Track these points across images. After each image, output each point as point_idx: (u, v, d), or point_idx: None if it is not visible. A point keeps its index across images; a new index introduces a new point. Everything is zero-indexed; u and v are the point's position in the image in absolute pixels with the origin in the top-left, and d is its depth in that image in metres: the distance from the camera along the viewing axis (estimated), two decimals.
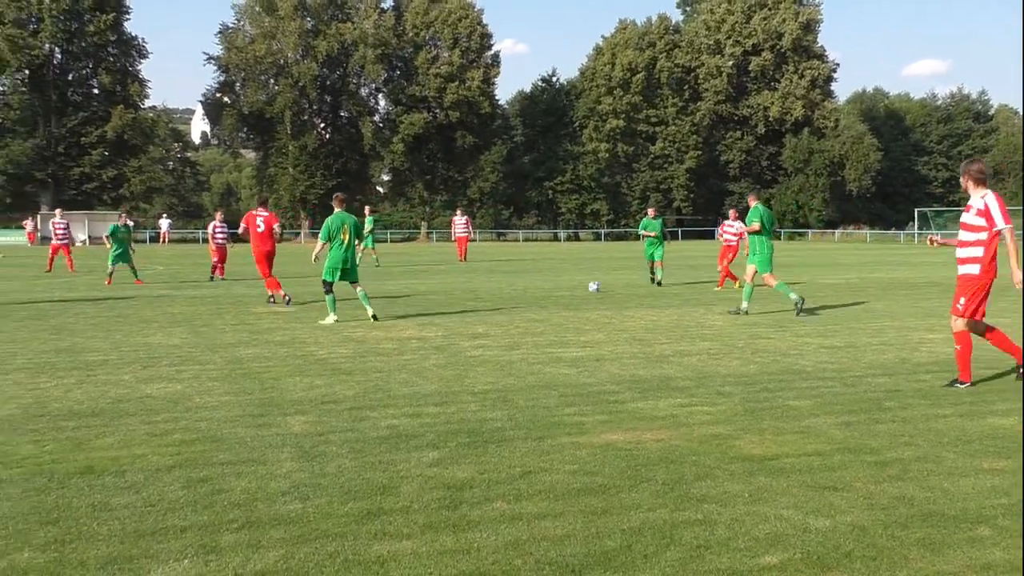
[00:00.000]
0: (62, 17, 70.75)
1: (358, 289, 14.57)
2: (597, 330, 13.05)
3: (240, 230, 18.11)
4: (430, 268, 31.81)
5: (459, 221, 36.40)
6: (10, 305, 16.96)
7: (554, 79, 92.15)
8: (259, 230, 17.36)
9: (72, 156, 73.35)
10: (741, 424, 6.99)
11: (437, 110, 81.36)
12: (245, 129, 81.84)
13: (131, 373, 9.34)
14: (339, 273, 14.21)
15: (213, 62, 79.85)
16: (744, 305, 15.21)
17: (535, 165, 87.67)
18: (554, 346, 11.41)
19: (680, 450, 6.18)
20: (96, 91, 76.48)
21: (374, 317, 14.24)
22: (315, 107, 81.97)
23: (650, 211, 23.35)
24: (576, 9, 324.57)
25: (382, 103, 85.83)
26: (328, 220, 14.30)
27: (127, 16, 76.21)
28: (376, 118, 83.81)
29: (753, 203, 15.84)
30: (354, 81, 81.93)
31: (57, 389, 8.41)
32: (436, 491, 5.23)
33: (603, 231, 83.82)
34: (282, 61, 77.98)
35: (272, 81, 79.43)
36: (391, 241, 78.18)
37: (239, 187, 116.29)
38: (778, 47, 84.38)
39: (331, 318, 14.12)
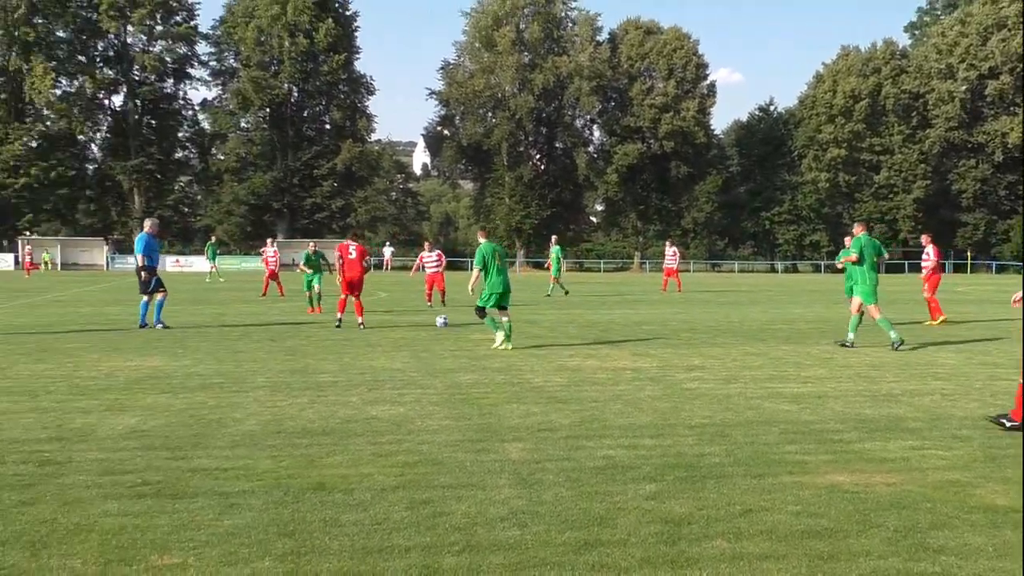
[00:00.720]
0: (299, 59, 75.57)
1: (505, 318, 14.85)
2: (819, 365, 12.58)
3: (335, 258, 19.38)
4: (643, 298, 31.65)
5: (667, 252, 36.50)
6: (249, 327, 18.11)
7: (771, 108, 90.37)
8: (351, 257, 18.26)
9: (305, 187, 78.03)
10: (981, 471, 6.54)
11: (651, 140, 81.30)
12: (464, 160, 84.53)
13: (358, 395, 9.75)
14: (495, 298, 14.61)
15: (435, 97, 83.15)
16: (850, 336, 14.84)
17: (751, 195, 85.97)
18: (773, 381, 11.08)
19: (913, 496, 5.84)
20: (328, 126, 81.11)
21: (505, 346, 14.50)
22: (531, 139, 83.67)
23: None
24: (794, 37, 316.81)
25: (596, 134, 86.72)
26: (481, 250, 14.78)
27: (357, 56, 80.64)
28: (590, 149, 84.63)
29: (859, 232, 15.19)
30: (569, 113, 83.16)
31: (292, 408, 8.89)
32: (654, 525, 5.16)
33: (823, 263, 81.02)
34: (499, 95, 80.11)
35: (490, 114, 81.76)
36: (603, 271, 78.44)
37: (457, 217, 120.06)
38: (1018, 69, 79.15)
39: (500, 336, 14.57)
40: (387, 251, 72.72)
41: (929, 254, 20.89)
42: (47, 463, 6.51)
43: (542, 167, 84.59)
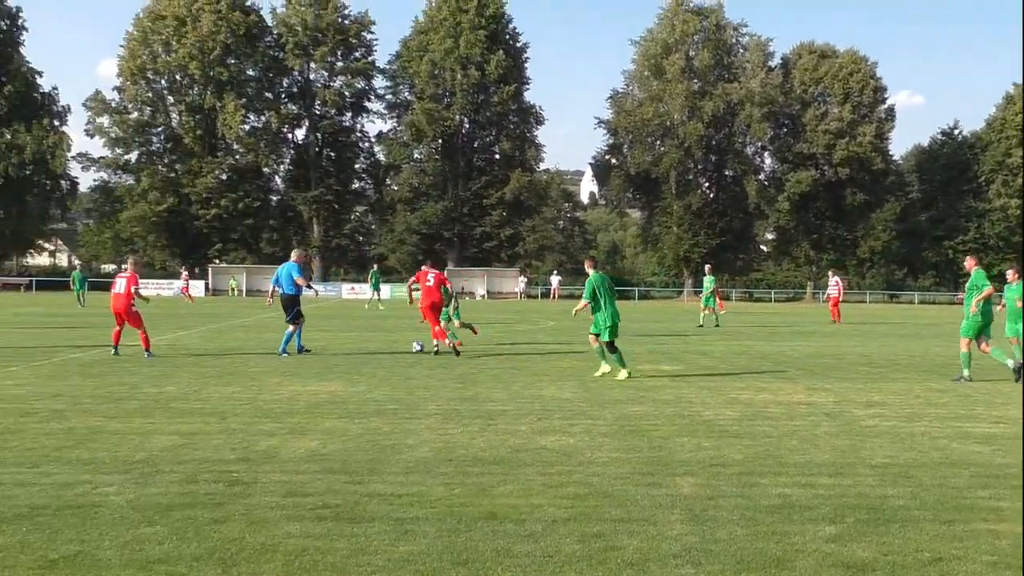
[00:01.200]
0: (471, 91, 77.33)
1: (596, 345, 14.89)
2: (1011, 404, 11.85)
3: (410, 283, 19.81)
4: (817, 330, 30.66)
5: (831, 282, 35.71)
6: (420, 354, 18.51)
7: (956, 131, 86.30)
8: (428, 284, 18.63)
9: (475, 216, 79.54)
10: None
11: (825, 167, 79.04)
12: (631, 189, 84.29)
13: (527, 424, 9.81)
14: (612, 330, 14.53)
15: (603, 126, 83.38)
16: (965, 373, 14.53)
17: (933, 223, 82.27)
18: (961, 420, 10.51)
19: None
20: (497, 156, 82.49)
21: (604, 375, 14.50)
22: (700, 166, 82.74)
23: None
24: (981, 57, 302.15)
25: (767, 161, 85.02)
26: (592, 280, 14.80)
27: (527, 87, 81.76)
28: (761, 176, 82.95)
29: (973, 266, 15.15)
30: (739, 140, 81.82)
31: (463, 436, 9.03)
32: (835, 569, 4.97)
33: None
34: (668, 123, 79.64)
35: (658, 142, 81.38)
36: (774, 301, 76.53)
37: (624, 245, 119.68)
38: None
39: (623, 373, 14.40)
40: (554, 280, 73.16)
41: None
42: (235, 483, 6.83)
43: (711, 195, 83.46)
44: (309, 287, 18.75)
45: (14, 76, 75.56)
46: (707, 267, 33.65)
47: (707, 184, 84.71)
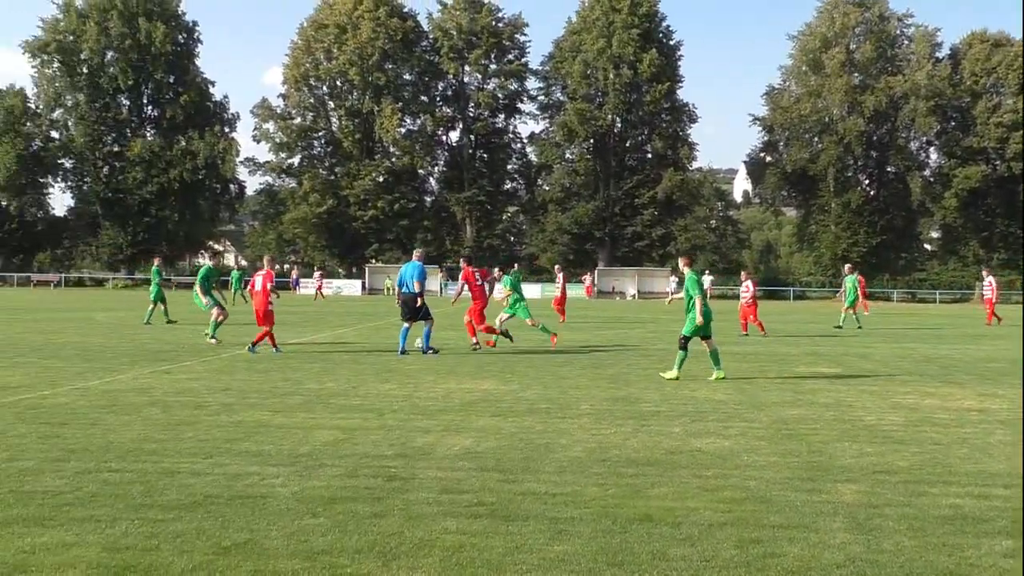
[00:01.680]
0: (623, 90, 77.04)
1: (710, 346, 14.42)
2: None
3: (459, 286, 20.61)
4: (987, 332, 29.15)
5: (985, 282, 33.91)
6: (572, 354, 18.54)
7: None
8: (478, 284, 19.78)
9: (626, 216, 79.20)
10: None
11: (997, 162, 75.12)
12: (787, 187, 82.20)
13: (681, 426, 9.69)
14: (697, 328, 14.17)
15: (758, 123, 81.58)
16: None
17: None
18: None
19: None
20: (649, 155, 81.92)
21: (718, 379, 14.02)
22: (859, 163, 79.99)
23: None
24: None
25: (933, 156, 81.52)
26: (691, 278, 14.55)
27: (680, 85, 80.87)
28: (926, 172, 79.58)
29: None
30: (903, 135, 78.66)
31: (616, 436, 8.99)
32: None
33: None
34: (827, 118, 77.32)
35: (816, 139, 79.08)
36: (939, 302, 73.22)
37: (779, 244, 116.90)
38: None
39: (672, 372, 14.11)
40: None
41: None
42: (394, 478, 6.99)
43: (871, 192, 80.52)
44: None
45: (190, 86, 79.93)
46: (847, 267, 32.51)
47: (867, 181, 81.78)
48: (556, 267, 34.47)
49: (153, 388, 12.08)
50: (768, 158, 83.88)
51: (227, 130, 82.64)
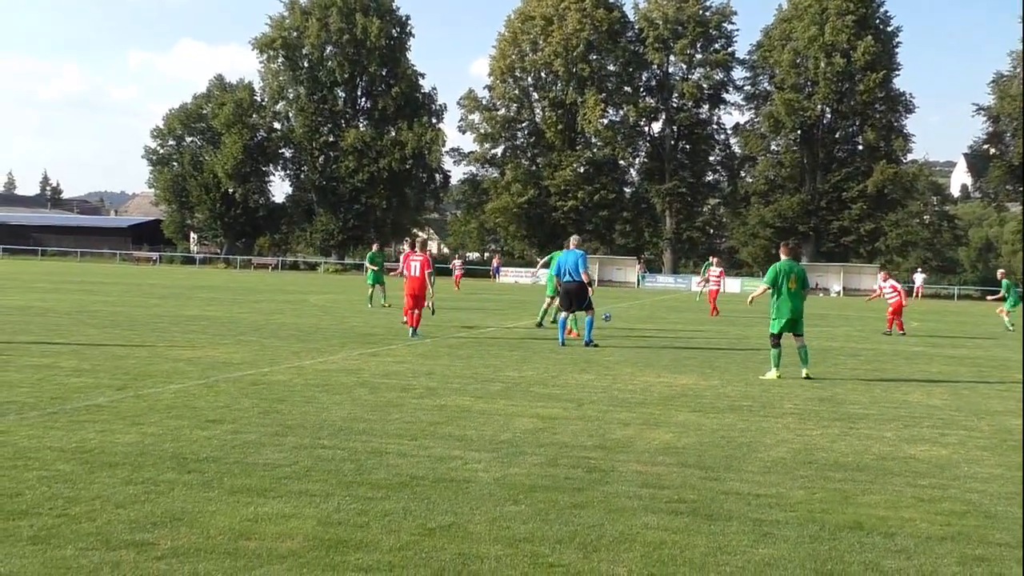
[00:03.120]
0: (835, 79, 74.06)
1: (799, 343, 13.63)
2: None
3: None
4: None
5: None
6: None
7: None
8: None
9: (832, 210, 76.22)
10: None
11: None
12: (1013, 181, 76.88)
13: (892, 431, 9.23)
14: (781, 324, 13.42)
15: (982, 112, 76.64)
16: None
17: None
18: None
19: None
20: (860, 147, 78.49)
21: (807, 377, 13.28)
22: None
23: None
24: None
25: None
26: (776, 267, 13.63)
27: (897, 73, 77.00)
28: None
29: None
30: None
31: (822, 438, 8.66)
32: None
33: None
34: None
35: None
36: None
37: (1000, 242, 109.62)
38: None
39: (772, 373, 13.36)
40: (918, 278, 68.48)
41: None
42: (593, 470, 6.99)
43: None
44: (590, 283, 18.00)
45: (401, 78, 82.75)
46: (999, 272, 30.25)
47: None
48: (714, 259, 33.55)
49: (362, 370, 12.57)
50: (992, 150, 78.60)
51: (434, 121, 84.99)
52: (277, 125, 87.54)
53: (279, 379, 11.36)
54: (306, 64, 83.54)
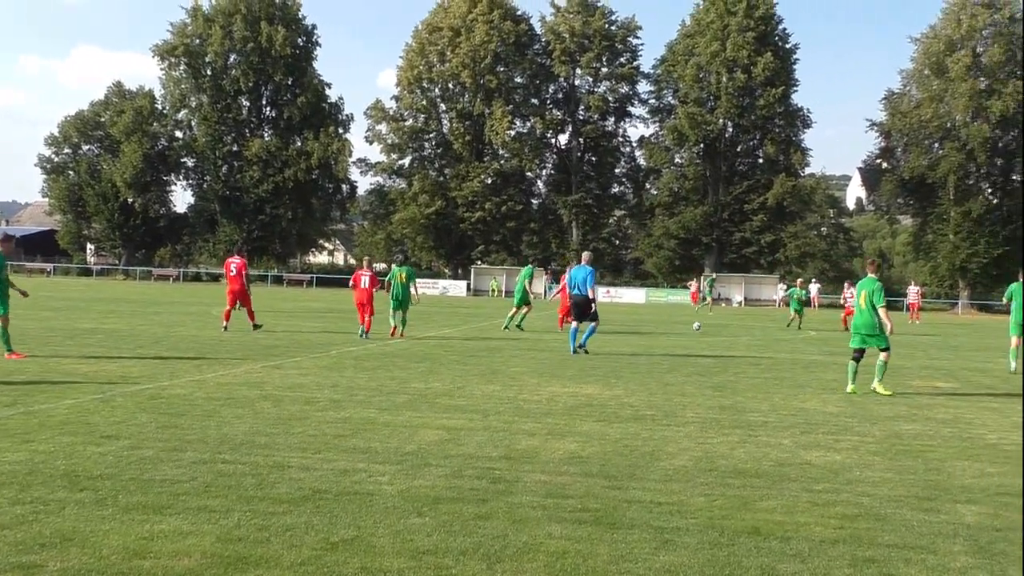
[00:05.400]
0: (736, 94, 75.90)
1: (880, 357, 13.99)
2: None
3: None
4: None
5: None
6: (677, 359, 18.33)
7: None
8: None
9: (734, 222, 77.98)
10: None
11: None
12: (904, 195, 79.71)
13: (790, 438, 9.46)
14: (860, 339, 13.95)
15: (875, 128, 79.34)
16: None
17: None
18: None
19: None
20: (760, 160, 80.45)
21: (875, 391, 13.70)
22: (983, 171, 76.90)
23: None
24: None
25: None
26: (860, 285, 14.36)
27: (795, 89, 79.18)
28: None
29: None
30: None
31: (723, 446, 8.83)
32: None
33: None
34: (949, 124, 74.66)
35: (936, 145, 76.42)
36: None
37: (892, 253, 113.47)
38: None
39: (848, 387, 13.79)
40: (813, 288, 70.34)
41: None
42: (498, 480, 7.00)
43: (994, 201, 77.36)
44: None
45: (307, 88, 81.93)
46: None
47: (990, 189, 78.54)
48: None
49: (265, 383, 12.38)
50: (885, 164, 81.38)
51: (341, 131, 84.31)
52: (179, 134, 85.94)
53: (179, 393, 11.12)
54: (209, 72, 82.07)
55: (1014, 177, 77.03)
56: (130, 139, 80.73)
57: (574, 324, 19.26)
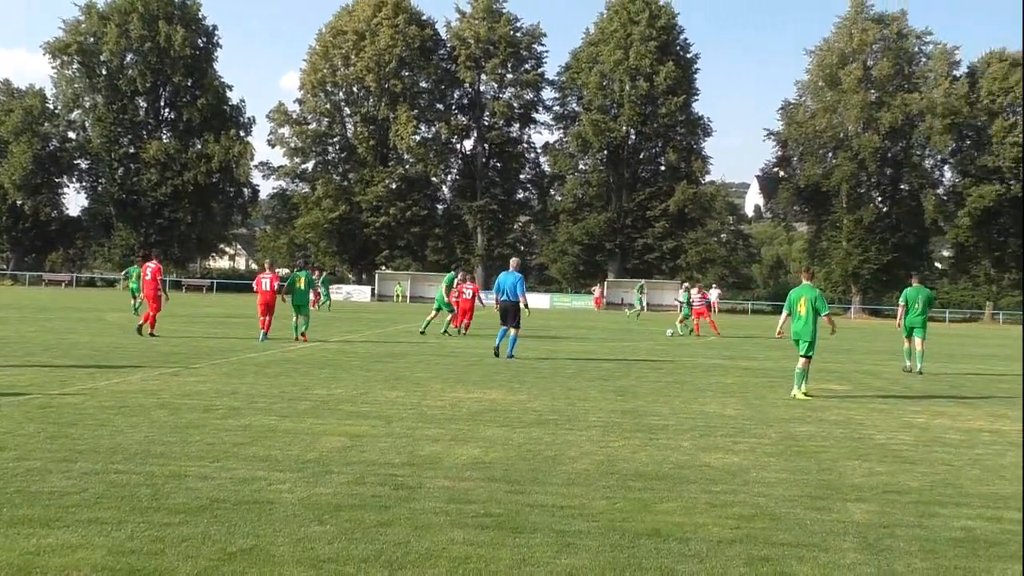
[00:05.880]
0: (639, 102, 77.05)
1: (799, 364, 14.37)
2: None
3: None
4: (998, 352, 29.03)
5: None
6: (581, 363, 18.50)
7: None
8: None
9: (637, 228, 79.15)
10: None
11: (1012, 181, 74.72)
12: (799, 202, 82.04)
13: (690, 440, 9.64)
14: (800, 346, 14.32)
15: (772, 137, 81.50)
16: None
17: None
18: None
19: None
20: (663, 168, 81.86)
21: (795, 397, 13.97)
22: (873, 180, 79.72)
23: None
24: None
25: (947, 175, 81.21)
26: (791, 292, 14.64)
27: (696, 98, 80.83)
28: (940, 191, 79.31)
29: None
30: (918, 152, 78.52)
31: (624, 449, 8.94)
32: None
33: None
34: (842, 134, 77.18)
35: (830, 155, 78.91)
36: (948, 321, 72.90)
37: (789, 260, 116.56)
38: None
39: (796, 391, 14.13)
40: (713, 293, 71.94)
41: None
42: (401, 487, 6.97)
43: (884, 209, 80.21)
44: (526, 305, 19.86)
45: (207, 90, 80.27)
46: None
47: (880, 198, 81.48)
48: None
49: (162, 390, 12.08)
50: (781, 173, 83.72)
51: (242, 134, 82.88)
52: (72, 135, 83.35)
53: (70, 402, 10.77)
54: (104, 72, 79.81)
55: (902, 186, 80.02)
56: (19, 139, 78.00)
57: (503, 327, 19.42)
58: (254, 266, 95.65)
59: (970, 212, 74.19)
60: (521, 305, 19.41)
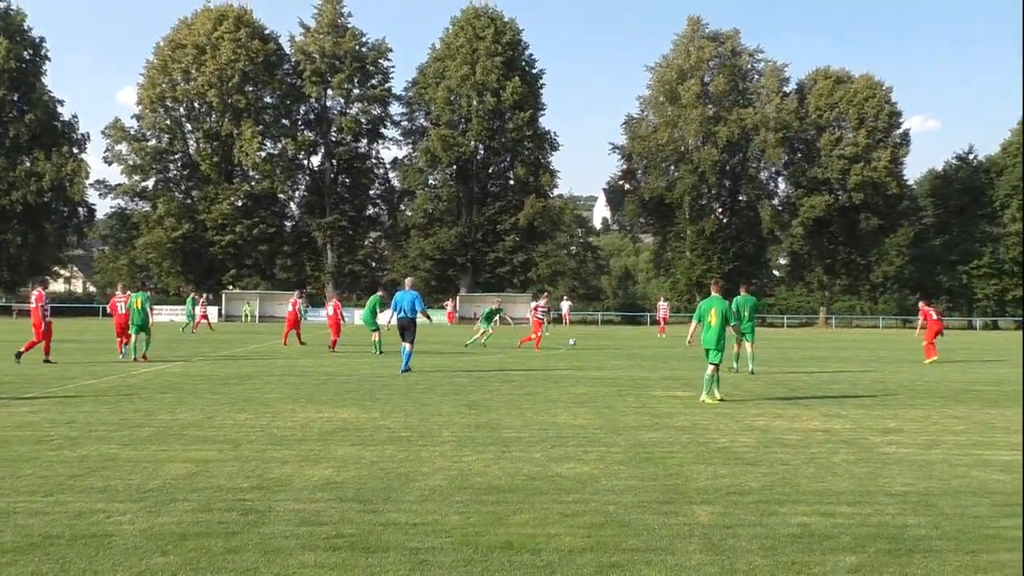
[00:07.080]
0: (486, 117, 77.63)
1: (708, 370, 15.15)
2: None
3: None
4: (831, 355, 30.52)
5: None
6: (433, 376, 18.48)
7: (971, 156, 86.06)
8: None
9: (488, 242, 79.64)
10: None
11: (840, 192, 78.97)
12: (645, 214, 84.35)
13: (542, 451, 9.75)
14: (711, 354, 15.11)
15: (617, 151, 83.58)
16: None
17: (947, 248, 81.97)
18: (979, 447, 10.41)
19: None
20: (512, 182, 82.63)
21: (720, 400, 14.99)
22: (714, 192, 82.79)
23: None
24: (996, 82, 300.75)
25: (782, 186, 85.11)
26: (701, 303, 15.55)
27: (542, 113, 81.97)
28: (775, 201, 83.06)
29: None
30: (754, 165, 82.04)
31: (477, 463, 8.98)
32: None
33: None
34: (683, 148, 79.83)
35: (672, 167, 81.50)
36: (787, 326, 76.23)
37: (636, 270, 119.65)
38: None
39: (704, 396, 14.99)
40: (565, 305, 73.24)
41: None
42: (249, 512, 6.80)
43: (724, 220, 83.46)
44: (429, 318, 21.84)
45: (36, 104, 76.27)
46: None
47: (720, 209, 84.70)
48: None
49: None
50: (627, 186, 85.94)
51: (76, 151, 79.16)
52: None
53: None
54: None
55: (741, 198, 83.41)
56: None
57: (405, 344, 20.23)
58: (93, 288, 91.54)
59: (803, 222, 77.95)
60: (423, 319, 20.95)
